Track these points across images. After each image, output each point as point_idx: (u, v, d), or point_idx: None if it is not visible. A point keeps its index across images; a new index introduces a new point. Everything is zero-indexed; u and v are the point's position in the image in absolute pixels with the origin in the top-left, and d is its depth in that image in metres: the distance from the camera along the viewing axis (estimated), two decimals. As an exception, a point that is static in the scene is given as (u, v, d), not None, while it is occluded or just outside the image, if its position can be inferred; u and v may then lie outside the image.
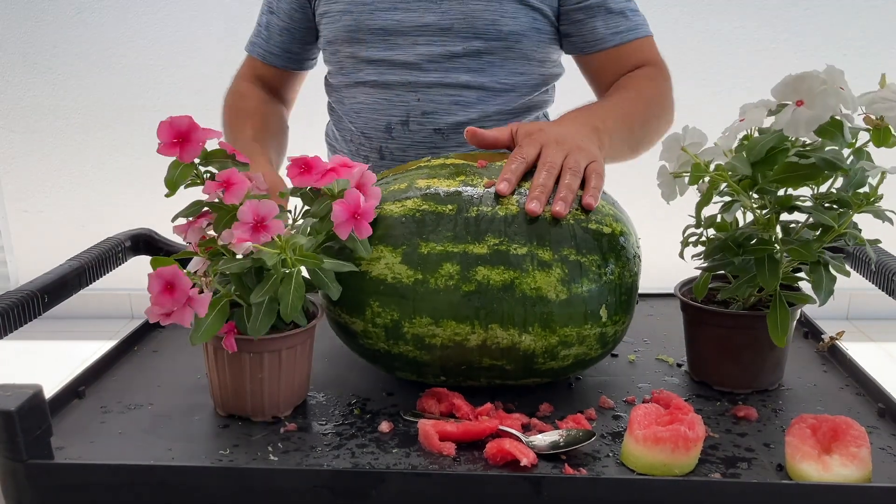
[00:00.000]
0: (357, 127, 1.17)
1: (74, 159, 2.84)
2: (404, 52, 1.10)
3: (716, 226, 0.79)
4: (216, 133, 0.75)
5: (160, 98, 2.74)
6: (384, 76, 1.12)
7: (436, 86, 1.11)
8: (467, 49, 1.09)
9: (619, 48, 1.11)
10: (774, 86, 0.70)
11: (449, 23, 1.08)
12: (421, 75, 1.10)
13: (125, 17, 2.69)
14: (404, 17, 1.09)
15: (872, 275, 0.85)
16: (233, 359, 0.72)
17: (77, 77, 2.75)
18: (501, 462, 0.66)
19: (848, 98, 0.67)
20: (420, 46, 1.10)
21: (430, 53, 1.09)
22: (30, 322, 0.75)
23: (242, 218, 0.69)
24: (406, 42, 1.10)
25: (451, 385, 0.78)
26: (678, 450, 0.64)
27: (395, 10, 1.09)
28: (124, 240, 0.96)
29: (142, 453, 0.69)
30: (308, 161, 0.76)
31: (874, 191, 0.71)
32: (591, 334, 0.75)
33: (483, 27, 1.08)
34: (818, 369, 0.85)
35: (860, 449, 0.63)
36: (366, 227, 0.73)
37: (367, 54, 1.12)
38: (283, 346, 0.72)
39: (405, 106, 1.12)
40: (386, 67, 1.11)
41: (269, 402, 0.73)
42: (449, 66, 1.10)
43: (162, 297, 0.67)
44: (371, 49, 1.11)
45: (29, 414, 0.62)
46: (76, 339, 2.69)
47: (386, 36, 1.10)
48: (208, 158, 0.75)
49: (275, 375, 0.72)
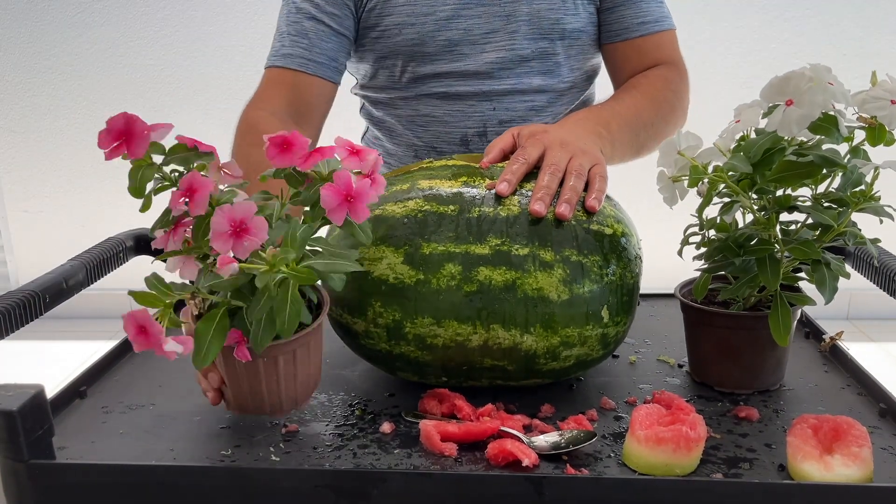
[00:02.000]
0: (425, 141, 1.13)
1: (74, 159, 2.84)
2: (473, 61, 1.07)
3: (716, 227, 0.79)
4: (166, 126, 0.66)
5: (160, 98, 2.74)
6: (454, 87, 1.08)
7: (511, 93, 1.08)
8: (535, 51, 1.07)
9: (643, 39, 1.09)
10: (762, 88, 0.70)
11: (515, 26, 1.06)
12: (494, 84, 1.08)
13: (125, 17, 2.69)
14: (471, 25, 1.06)
15: (873, 275, 0.85)
16: (248, 364, 0.68)
17: (77, 77, 2.75)
18: (503, 462, 0.66)
19: (838, 93, 0.67)
20: (488, 54, 1.07)
21: (500, 60, 1.07)
22: (31, 322, 0.75)
23: (217, 228, 0.61)
24: (473, 51, 1.07)
25: (453, 386, 0.78)
26: (680, 450, 0.64)
27: (458, 18, 1.05)
28: (125, 239, 0.96)
29: (143, 453, 0.69)
30: (287, 139, 0.67)
31: (870, 187, 0.72)
32: (593, 335, 0.75)
33: (549, 27, 1.06)
34: (819, 369, 0.85)
35: (862, 449, 0.63)
36: (362, 209, 0.66)
37: (433, 68, 1.08)
38: (297, 346, 0.69)
39: (481, 116, 1.09)
40: (455, 79, 1.08)
41: (287, 399, 0.71)
42: (521, 70, 1.08)
43: (139, 338, 0.62)
44: (437, 62, 1.07)
45: (30, 414, 0.62)
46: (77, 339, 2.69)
47: (452, 46, 1.07)
48: (169, 155, 0.68)
49: (290, 373, 0.70)
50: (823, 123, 0.68)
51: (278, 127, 0.93)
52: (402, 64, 1.09)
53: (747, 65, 2.61)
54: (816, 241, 0.73)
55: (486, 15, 1.06)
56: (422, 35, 1.06)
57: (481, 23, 1.06)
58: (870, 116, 0.69)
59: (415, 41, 1.07)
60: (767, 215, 0.74)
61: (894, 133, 0.70)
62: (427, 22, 1.06)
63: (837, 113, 0.68)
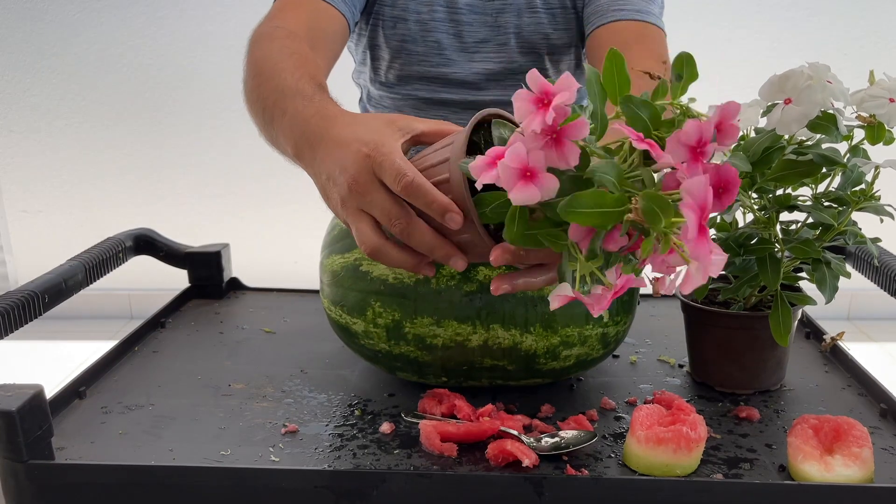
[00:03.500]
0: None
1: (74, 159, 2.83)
2: (461, 68, 1.06)
3: (716, 226, 0.79)
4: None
5: (159, 98, 2.73)
6: (439, 94, 1.07)
7: (497, 105, 1.05)
8: (524, 65, 1.05)
9: (622, 24, 0.99)
10: (761, 86, 0.70)
11: (505, 38, 1.04)
12: (480, 94, 1.06)
13: (124, 17, 2.69)
14: (462, 31, 1.04)
15: (874, 275, 0.85)
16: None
17: (76, 77, 2.75)
18: (503, 463, 0.65)
19: (837, 91, 0.67)
20: (477, 63, 1.05)
21: (488, 71, 1.05)
22: (30, 322, 0.75)
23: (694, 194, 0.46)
24: (462, 58, 1.06)
25: (453, 386, 0.78)
26: (680, 450, 0.64)
27: (450, 21, 1.04)
28: (125, 240, 0.96)
29: (142, 454, 0.69)
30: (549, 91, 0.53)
31: (870, 186, 0.72)
32: (593, 334, 0.75)
33: (538, 41, 1.04)
34: (820, 370, 0.85)
35: (862, 449, 0.63)
36: None
37: (419, 69, 1.06)
38: None
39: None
40: (440, 84, 1.07)
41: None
42: (509, 83, 1.06)
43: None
44: (424, 63, 1.06)
45: (30, 414, 0.62)
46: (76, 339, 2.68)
47: (440, 50, 1.05)
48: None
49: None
50: (822, 122, 0.68)
51: (293, 48, 0.84)
52: (389, 59, 1.08)
53: (747, 65, 2.61)
54: (817, 240, 0.73)
55: (478, 24, 1.05)
56: (412, 32, 1.05)
57: (472, 31, 1.05)
58: (868, 115, 0.69)
59: (405, 37, 1.06)
60: (768, 214, 0.74)
61: (893, 132, 0.70)
62: (420, 20, 1.05)
63: (836, 111, 0.68)
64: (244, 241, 2.08)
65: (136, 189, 2.81)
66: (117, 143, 2.80)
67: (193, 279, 1.08)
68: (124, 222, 1.05)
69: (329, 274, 0.78)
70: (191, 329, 0.98)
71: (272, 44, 0.87)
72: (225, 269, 1.09)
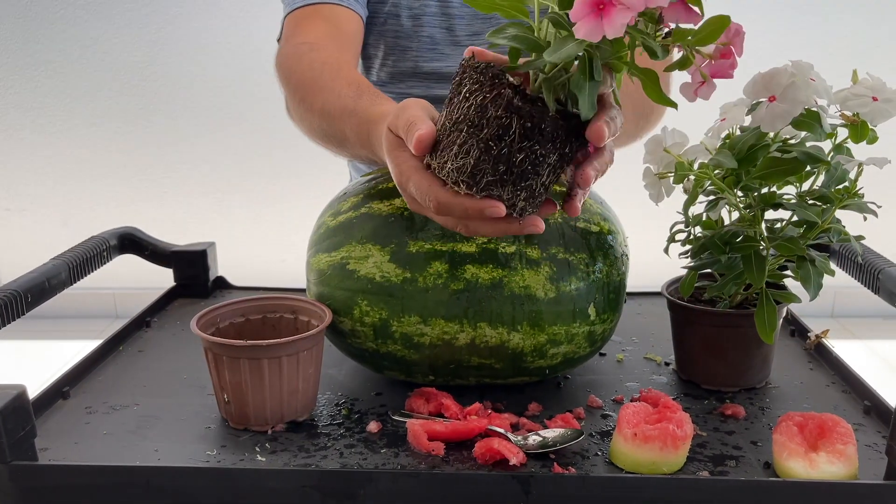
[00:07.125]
0: None
1: (57, 157, 2.81)
2: (455, 63, 1.05)
3: (702, 224, 0.80)
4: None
5: (143, 95, 2.72)
6: (433, 90, 1.07)
7: None
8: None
9: None
10: (746, 84, 0.71)
11: None
12: None
13: (108, 13, 2.67)
14: (454, 25, 1.04)
15: (857, 272, 0.86)
16: (232, 366, 0.70)
17: (59, 74, 2.72)
18: (490, 461, 0.65)
19: (821, 89, 0.68)
20: None
21: None
22: (13, 322, 0.74)
23: None
24: (455, 52, 1.05)
25: (440, 384, 0.78)
26: (666, 448, 0.64)
27: (442, 15, 1.04)
28: (109, 238, 0.96)
29: (127, 454, 0.68)
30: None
31: (853, 184, 0.72)
32: (580, 332, 0.75)
33: None
34: (805, 367, 0.85)
35: (847, 446, 0.63)
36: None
37: (412, 65, 1.06)
38: (283, 353, 0.69)
39: None
40: (434, 81, 1.07)
41: (272, 412, 0.71)
42: None
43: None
44: (417, 59, 1.06)
45: (12, 415, 0.61)
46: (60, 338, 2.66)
47: (433, 45, 1.05)
48: None
49: (276, 384, 0.70)
50: (806, 119, 0.68)
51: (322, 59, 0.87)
52: (381, 56, 1.08)
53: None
54: (801, 238, 0.73)
55: (469, 17, 1.06)
56: (405, 28, 1.05)
57: (464, 24, 1.06)
58: (852, 114, 0.70)
59: (398, 33, 1.06)
60: (753, 212, 0.75)
61: (876, 130, 0.70)
62: (412, 14, 1.05)
63: (820, 108, 0.69)
64: (230, 240, 2.07)
65: (121, 187, 2.79)
66: (101, 141, 2.78)
67: (179, 278, 1.08)
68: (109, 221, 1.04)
69: (316, 272, 0.78)
70: (176, 328, 0.97)
71: (301, 63, 0.90)
72: (211, 268, 1.08)
